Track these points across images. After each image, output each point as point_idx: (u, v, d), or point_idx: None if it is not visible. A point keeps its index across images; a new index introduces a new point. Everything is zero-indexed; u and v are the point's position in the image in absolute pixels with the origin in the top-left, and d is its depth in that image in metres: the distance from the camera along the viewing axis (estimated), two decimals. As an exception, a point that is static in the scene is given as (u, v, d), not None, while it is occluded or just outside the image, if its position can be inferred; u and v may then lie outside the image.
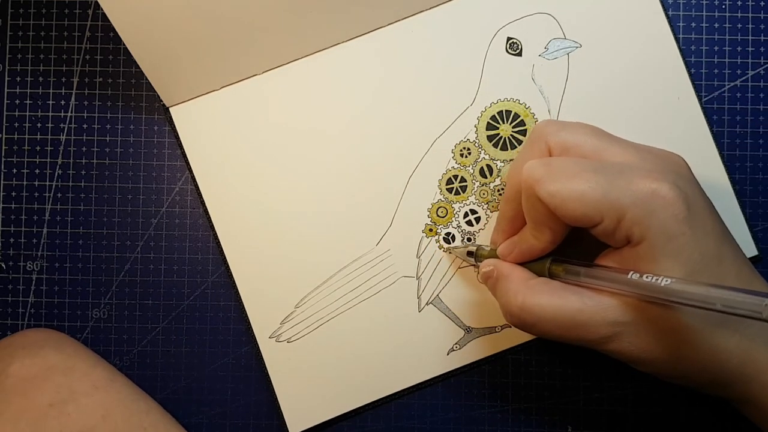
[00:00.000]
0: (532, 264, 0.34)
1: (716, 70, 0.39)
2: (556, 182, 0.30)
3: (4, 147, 0.40)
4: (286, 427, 0.38)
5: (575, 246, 0.33)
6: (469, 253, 0.37)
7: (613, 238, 0.30)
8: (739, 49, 0.39)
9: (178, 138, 0.39)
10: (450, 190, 0.39)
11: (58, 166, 0.40)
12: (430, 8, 0.39)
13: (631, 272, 0.29)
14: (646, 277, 0.29)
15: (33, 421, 0.34)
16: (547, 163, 0.31)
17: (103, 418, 0.35)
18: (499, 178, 0.39)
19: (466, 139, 0.39)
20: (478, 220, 0.38)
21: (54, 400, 0.35)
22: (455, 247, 0.38)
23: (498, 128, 0.39)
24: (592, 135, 0.32)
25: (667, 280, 0.28)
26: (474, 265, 0.38)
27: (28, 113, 0.40)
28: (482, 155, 0.39)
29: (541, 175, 0.30)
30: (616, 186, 0.29)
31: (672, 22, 0.39)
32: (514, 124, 0.39)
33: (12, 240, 0.40)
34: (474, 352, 0.38)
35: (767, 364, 0.30)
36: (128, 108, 0.40)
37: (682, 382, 0.32)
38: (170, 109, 0.39)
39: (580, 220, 0.30)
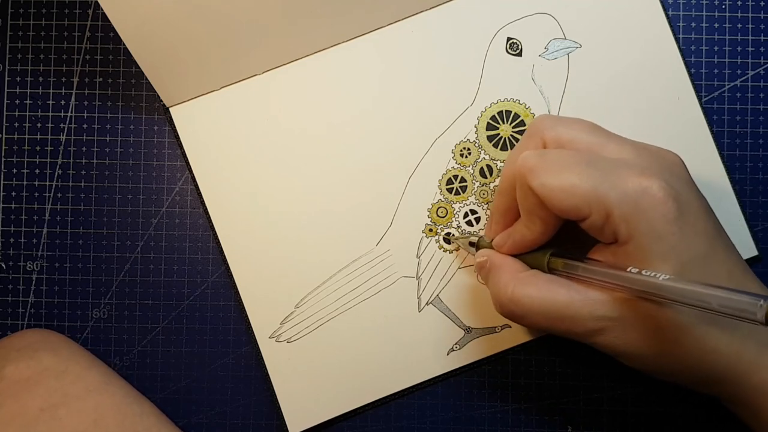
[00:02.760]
0: (531, 257, 0.33)
1: (716, 70, 0.39)
2: (548, 173, 0.30)
3: (4, 147, 0.40)
4: (286, 427, 0.38)
5: (571, 241, 0.33)
6: (471, 244, 0.37)
7: (602, 233, 0.30)
8: (739, 49, 0.39)
9: (178, 138, 0.39)
10: (450, 190, 0.39)
11: (58, 166, 0.40)
12: (430, 8, 0.38)
13: (630, 267, 0.29)
14: (645, 273, 0.28)
15: (23, 426, 0.33)
16: (542, 154, 0.31)
17: (95, 422, 0.34)
18: (499, 178, 0.38)
19: (466, 139, 0.39)
20: (478, 220, 0.38)
21: (46, 404, 0.34)
22: (458, 237, 0.38)
23: (498, 128, 0.39)
24: (588, 131, 0.32)
25: (665, 277, 0.27)
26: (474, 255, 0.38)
27: (28, 113, 0.40)
28: (482, 155, 0.39)
29: (533, 165, 0.30)
30: (607, 181, 0.29)
31: (672, 22, 0.38)
32: (514, 124, 0.38)
33: (12, 240, 0.40)
34: (474, 352, 0.38)
35: (757, 365, 0.30)
36: (128, 108, 0.40)
37: (669, 379, 0.32)
38: (170, 109, 0.39)
39: (569, 212, 0.30)
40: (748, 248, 0.38)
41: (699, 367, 0.30)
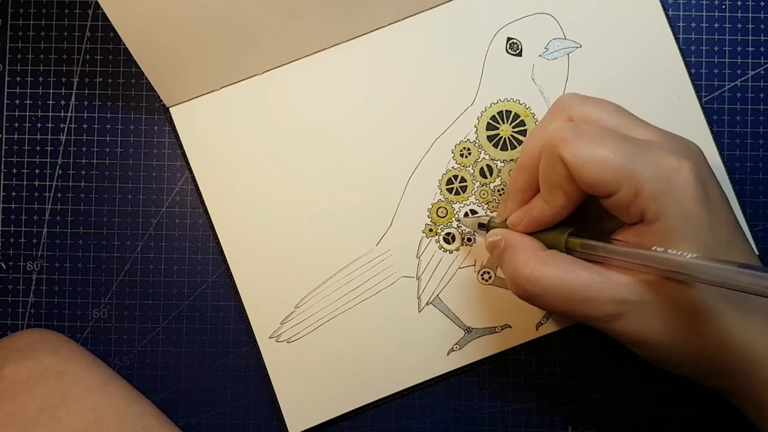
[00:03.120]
0: (548, 235, 0.33)
1: (716, 70, 0.38)
2: (581, 144, 0.29)
3: (4, 147, 0.40)
4: (286, 427, 0.38)
5: (586, 225, 0.33)
6: (481, 225, 0.36)
7: (627, 212, 0.30)
8: (739, 49, 0.38)
9: (178, 138, 0.39)
10: (450, 190, 0.38)
11: (58, 166, 0.40)
12: (430, 8, 0.38)
13: (656, 246, 0.28)
14: (672, 251, 0.28)
15: (23, 426, 0.33)
16: (574, 126, 0.30)
17: (95, 422, 0.34)
18: (499, 178, 0.38)
19: (466, 139, 0.39)
20: (478, 220, 0.38)
21: (45, 404, 0.34)
22: (466, 219, 0.37)
23: (498, 128, 0.38)
24: (616, 112, 0.32)
25: (693, 255, 0.27)
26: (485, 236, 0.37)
27: (28, 113, 0.40)
28: (482, 155, 0.38)
29: (566, 135, 0.30)
30: (640, 157, 0.29)
31: (672, 22, 0.38)
32: (514, 124, 0.38)
33: (12, 240, 0.39)
34: (474, 352, 0.38)
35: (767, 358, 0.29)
36: (128, 108, 0.40)
37: (679, 370, 0.31)
38: (170, 109, 0.39)
39: (598, 186, 0.29)
40: (748, 248, 0.38)
41: (713, 356, 0.30)
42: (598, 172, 0.29)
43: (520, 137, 0.38)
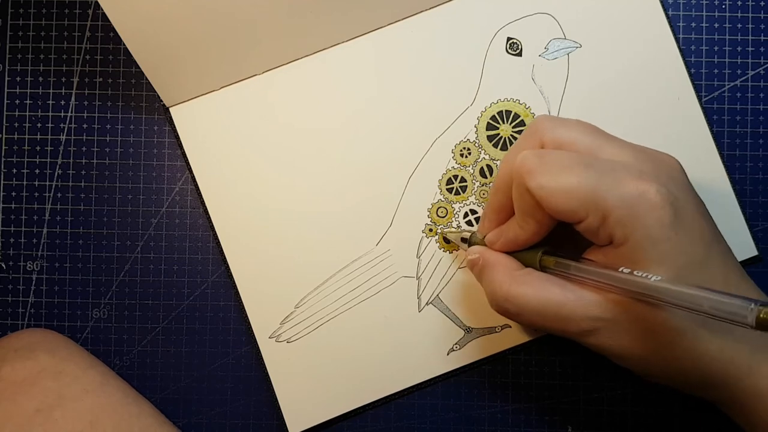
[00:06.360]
0: (523, 254, 0.33)
1: (716, 70, 0.38)
2: (546, 175, 0.29)
3: (4, 147, 0.39)
4: (286, 427, 0.37)
5: (564, 240, 0.33)
6: (464, 240, 0.36)
7: (597, 235, 0.30)
8: (739, 49, 0.38)
9: (178, 138, 0.39)
10: (450, 190, 0.38)
11: (58, 166, 0.39)
12: (430, 8, 0.38)
13: (622, 268, 0.29)
14: (637, 273, 0.28)
15: (19, 427, 0.33)
16: (540, 155, 0.30)
17: (91, 423, 0.34)
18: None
19: (466, 139, 0.38)
20: (478, 220, 0.38)
21: (41, 405, 0.34)
22: (451, 231, 0.37)
23: (498, 128, 0.38)
24: (588, 133, 0.32)
25: (656, 278, 0.27)
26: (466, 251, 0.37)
27: (28, 113, 0.39)
28: (482, 155, 0.38)
29: (532, 166, 0.30)
30: (604, 184, 0.29)
31: (672, 22, 0.38)
32: (514, 124, 0.38)
33: (12, 240, 0.39)
34: (474, 352, 0.38)
35: (749, 368, 0.29)
36: (128, 108, 0.39)
37: (662, 382, 0.32)
38: (170, 109, 0.38)
39: (565, 214, 0.29)
40: (748, 248, 0.37)
41: (692, 371, 0.30)
42: (564, 201, 0.29)
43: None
